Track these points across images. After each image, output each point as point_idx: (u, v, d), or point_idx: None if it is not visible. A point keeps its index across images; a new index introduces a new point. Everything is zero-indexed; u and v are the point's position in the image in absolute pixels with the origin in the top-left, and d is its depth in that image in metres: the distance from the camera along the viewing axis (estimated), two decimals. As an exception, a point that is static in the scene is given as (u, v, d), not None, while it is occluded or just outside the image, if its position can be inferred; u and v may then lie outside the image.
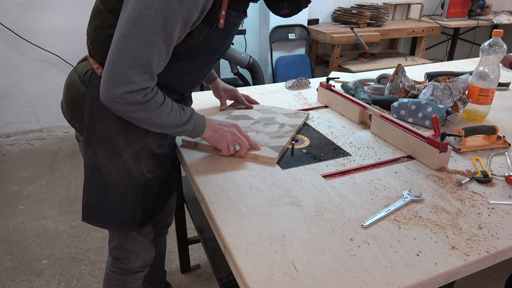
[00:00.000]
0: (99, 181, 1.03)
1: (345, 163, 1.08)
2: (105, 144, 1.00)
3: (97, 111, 0.98)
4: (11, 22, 2.83)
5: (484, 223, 0.85)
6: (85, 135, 1.01)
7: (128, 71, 0.84)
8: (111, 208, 1.05)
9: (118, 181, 1.03)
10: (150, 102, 0.90)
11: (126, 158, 1.01)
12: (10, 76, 2.98)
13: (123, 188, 1.04)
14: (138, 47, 0.83)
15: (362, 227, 0.83)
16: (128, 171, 1.02)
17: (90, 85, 0.99)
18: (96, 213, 1.06)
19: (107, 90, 0.86)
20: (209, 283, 1.78)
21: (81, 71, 1.03)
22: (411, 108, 1.32)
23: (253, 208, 0.88)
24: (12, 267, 1.82)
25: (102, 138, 1.00)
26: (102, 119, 0.98)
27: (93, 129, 0.99)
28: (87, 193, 1.06)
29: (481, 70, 1.33)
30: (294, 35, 3.43)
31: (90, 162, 1.02)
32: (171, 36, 0.85)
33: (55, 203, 2.29)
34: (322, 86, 1.51)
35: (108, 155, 1.01)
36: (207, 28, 0.92)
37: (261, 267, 0.72)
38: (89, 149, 1.02)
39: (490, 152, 1.17)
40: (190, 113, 1.01)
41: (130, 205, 1.06)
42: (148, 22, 0.81)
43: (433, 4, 4.18)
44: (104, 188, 1.03)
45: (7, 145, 2.99)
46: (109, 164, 1.01)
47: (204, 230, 1.44)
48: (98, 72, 0.97)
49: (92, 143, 1.01)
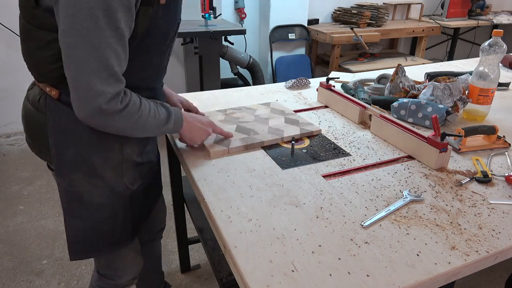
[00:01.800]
0: (82, 210, 0.95)
1: (345, 163, 1.08)
2: (80, 169, 0.91)
3: (63, 137, 0.90)
4: (11, 22, 2.83)
5: (484, 223, 0.85)
6: (56, 166, 0.91)
7: (92, 83, 0.77)
8: (102, 233, 0.99)
9: (104, 202, 0.96)
10: (129, 107, 0.84)
11: (107, 177, 0.94)
12: (10, 76, 2.98)
13: (110, 208, 0.97)
14: (90, 54, 0.75)
15: (362, 227, 0.83)
16: (111, 190, 0.96)
17: (47, 111, 0.89)
18: (86, 245, 0.99)
19: (82, 109, 0.79)
20: (209, 283, 1.78)
21: (33, 98, 0.93)
22: (411, 108, 1.32)
23: (253, 208, 0.88)
24: (12, 267, 1.82)
25: (76, 164, 0.91)
26: (70, 143, 0.90)
27: (63, 157, 0.90)
28: (71, 229, 0.96)
29: (481, 70, 1.33)
30: (294, 35, 3.43)
31: (66, 193, 0.93)
32: (119, 29, 0.77)
33: (55, 203, 2.29)
34: (322, 86, 1.51)
35: (86, 179, 0.92)
36: (149, 8, 0.82)
37: (261, 267, 0.72)
38: (63, 180, 0.92)
39: (490, 152, 1.17)
40: (167, 110, 0.95)
41: (120, 222, 1.01)
42: (87, 24, 0.73)
43: (433, 4, 4.18)
44: (90, 216, 0.96)
45: (7, 145, 2.99)
46: (90, 188, 0.93)
47: (204, 230, 1.44)
48: (53, 94, 0.88)
49: (65, 172, 0.91)
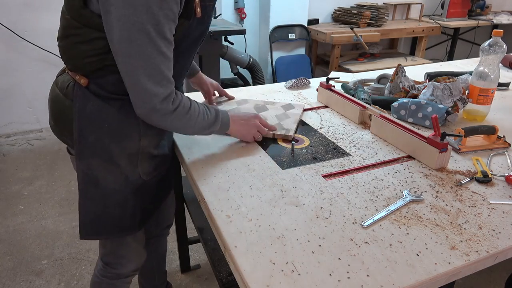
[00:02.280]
0: (96, 193, 1.01)
1: (345, 163, 1.08)
2: (99, 154, 0.98)
3: (86, 122, 0.96)
4: (11, 22, 2.83)
5: (484, 223, 0.85)
6: (77, 149, 0.98)
7: (147, 87, 0.87)
8: (111, 217, 1.04)
9: (116, 189, 1.01)
10: (179, 108, 0.94)
11: (122, 165, 1.00)
12: (10, 76, 2.98)
13: (122, 195, 1.03)
14: (145, 62, 0.85)
15: (362, 227, 0.83)
16: (125, 178, 1.01)
17: (74, 97, 0.96)
18: (96, 226, 1.04)
19: (139, 108, 0.91)
20: (209, 283, 1.78)
21: (62, 85, 1.01)
22: (411, 108, 1.32)
23: (253, 208, 0.88)
24: (12, 267, 1.82)
25: (95, 149, 0.98)
26: (93, 129, 0.97)
27: (85, 141, 0.97)
28: (83, 209, 1.02)
29: (481, 70, 1.33)
30: (294, 35, 3.43)
31: (84, 176, 1.00)
32: (167, 39, 0.87)
33: (55, 203, 2.29)
34: (322, 86, 1.51)
35: (103, 165, 0.99)
36: (186, 21, 0.92)
37: (261, 267, 0.72)
38: (82, 163, 0.99)
39: (490, 152, 1.17)
40: (216, 113, 1.05)
41: (130, 209, 1.05)
42: (142, 37, 0.83)
43: (433, 4, 4.18)
44: (102, 199, 1.01)
45: (7, 145, 2.99)
46: (106, 174, 0.99)
47: (204, 230, 1.44)
48: (82, 82, 0.96)
49: (85, 156, 0.98)
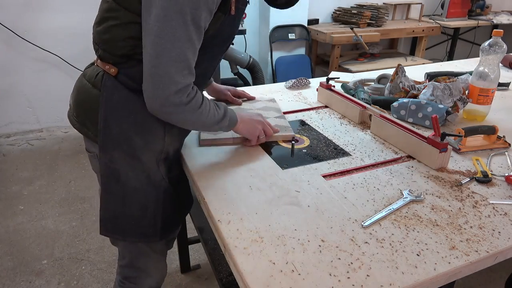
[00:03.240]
0: (117, 189, 0.99)
1: (345, 163, 1.08)
2: (122, 147, 0.96)
3: (112, 112, 0.95)
4: (11, 22, 2.83)
5: (484, 223, 0.85)
6: (101, 140, 0.96)
7: (169, 71, 0.85)
8: (131, 217, 1.01)
9: (138, 187, 0.99)
10: (192, 102, 0.91)
11: (144, 161, 0.98)
12: (10, 76, 2.98)
13: (143, 195, 1.00)
14: (172, 45, 0.83)
15: (362, 227, 0.83)
16: (147, 176, 0.99)
17: (102, 86, 0.95)
18: (115, 224, 1.01)
19: (154, 95, 0.87)
20: (209, 283, 1.78)
21: (90, 74, 1.00)
22: (411, 108, 1.32)
23: (253, 208, 0.88)
24: (12, 267, 1.82)
25: (118, 141, 0.96)
26: (118, 120, 0.95)
27: (109, 132, 0.95)
28: (104, 204, 1.01)
29: (481, 70, 1.33)
30: (294, 35, 3.43)
31: (106, 168, 0.98)
32: (200, 27, 0.86)
33: (55, 203, 2.29)
34: (322, 86, 1.51)
35: (125, 159, 0.97)
36: (222, 16, 0.92)
37: (261, 267, 0.72)
38: (105, 155, 0.97)
39: (490, 152, 1.17)
40: (224, 108, 1.03)
41: (151, 213, 1.02)
42: (177, 18, 0.82)
43: (433, 4, 4.18)
44: (123, 197, 0.99)
45: (7, 145, 2.99)
46: (127, 169, 0.97)
47: (204, 230, 1.44)
48: (111, 72, 0.95)
49: (108, 147, 0.96)
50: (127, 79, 0.95)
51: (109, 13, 0.93)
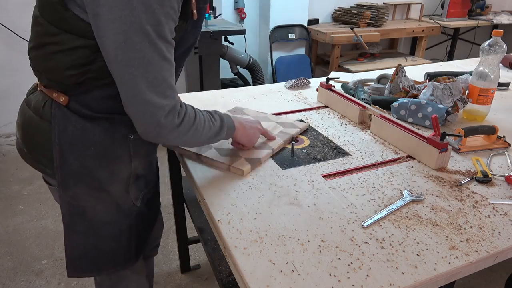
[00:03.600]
0: (84, 226, 0.91)
1: (345, 163, 1.08)
2: (85, 182, 0.87)
3: (69, 147, 0.85)
4: (11, 22, 2.83)
5: (484, 223, 0.85)
6: (59, 177, 0.87)
7: (150, 99, 0.76)
8: (103, 251, 0.94)
9: (108, 220, 0.92)
10: (184, 121, 0.84)
11: (113, 192, 0.90)
12: (10, 76, 2.98)
13: (114, 226, 0.94)
14: (145, 70, 0.75)
15: (362, 227, 0.83)
16: (117, 206, 0.92)
17: (53, 118, 0.84)
18: (86, 262, 0.94)
19: (142, 124, 0.80)
20: (209, 283, 1.78)
21: (35, 105, 0.88)
22: (411, 108, 1.32)
23: (253, 208, 0.88)
24: (12, 267, 1.82)
25: (80, 177, 0.87)
26: (76, 154, 0.86)
27: (68, 168, 0.86)
28: (70, 244, 0.92)
29: (481, 70, 1.33)
30: (294, 35, 3.43)
31: (69, 207, 0.89)
32: (168, 41, 0.78)
33: (55, 203, 2.29)
34: (322, 86, 1.51)
35: (90, 194, 0.89)
36: (184, 23, 0.84)
37: (261, 267, 0.72)
38: (65, 193, 0.88)
39: (490, 152, 1.17)
40: (220, 118, 0.96)
41: (124, 241, 0.96)
42: (140, 40, 0.72)
43: (433, 4, 4.18)
44: (92, 232, 0.92)
45: (7, 145, 2.98)
46: (94, 204, 0.90)
47: (204, 230, 1.44)
48: (61, 101, 0.84)
49: (68, 185, 0.87)
50: (81, 107, 0.85)
51: (48, 37, 0.80)
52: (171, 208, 2.20)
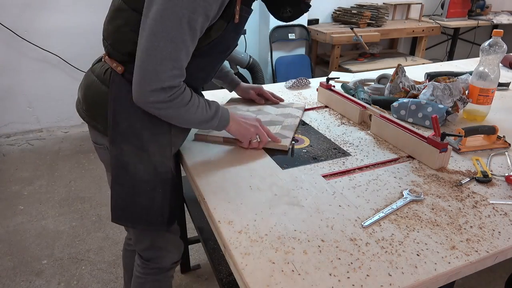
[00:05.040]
0: (126, 180, 1.02)
1: (345, 163, 1.08)
2: (131, 140, 1.00)
3: (121, 108, 0.98)
4: (11, 22, 2.83)
5: (484, 223, 0.85)
6: (110, 134, 1.00)
7: (157, 69, 0.87)
8: (139, 207, 1.04)
9: (146, 179, 1.02)
10: (177, 99, 0.93)
11: (151, 153, 1.01)
12: (10, 76, 2.98)
13: (151, 186, 1.03)
14: (165, 44, 0.85)
15: (362, 227, 0.83)
16: (154, 168, 1.02)
17: (111, 83, 0.99)
18: (125, 213, 1.05)
19: (139, 89, 0.90)
20: (209, 283, 1.78)
21: (99, 71, 1.03)
22: (411, 108, 1.32)
23: (253, 208, 0.88)
24: (12, 267, 1.82)
25: (127, 135, 1.00)
26: (126, 116, 0.99)
27: (118, 127, 0.99)
28: (115, 194, 1.04)
29: (481, 70, 1.33)
30: (294, 35, 3.43)
31: (116, 161, 1.01)
32: (195, 30, 0.88)
33: (55, 203, 2.29)
34: (322, 86, 1.51)
35: (134, 152, 1.00)
36: (225, 24, 0.94)
37: (261, 267, 0.72)
38: (115, 148, 1.01)
39: (490, 152, 1.17)
40: (215, 109, 1.04)
41: (158, 204, 1.05)
42: (174, 19, 0.84)
43: (433, 4, 4.18)
44: (132, 187, 1.03)
45: (7, 145, 2.99)
46: (136, 161, 1.01)
47: (204, 230, 1.44)
48: (118, 70, 0.98)
49: (117, 141, 1.00)
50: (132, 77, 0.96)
51: (118, 12, 0.95)
52: (171, 208, 2.20)
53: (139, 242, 1.18)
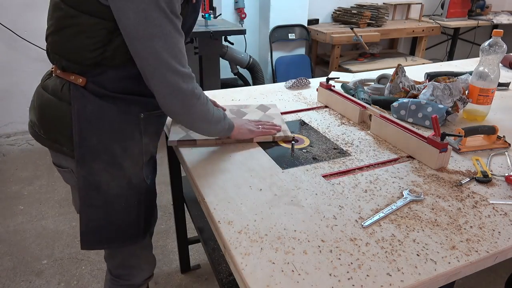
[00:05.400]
0: (99, 200, 0.97)
1: (345, 163, 1.08)
2: (101, 157, 0.94)
3: (87, 124, 0.92)
4: (11, 22, 2.83)
5: (484, 223, 0.85)
6: (78, 154, 0.93)
7: (170, 67, 0.86)
8: (114, 225, 1.01)
9: (120, 193, 0.98)
10: (202, 96, 0.95)
11: (126, 167, 0.97)
12: (10, 76, 2.98)
13: (125, 201, 1.00)
14: (165, 42, 0.84)
15: (362, 227, 0.83)
16: (129, 181, 0.99)
17: (72, 99, 0.91)
18: (99, 235, 1.00)
19: (167, 92, 0.89)
20: (209, 283, 1.78)
21: (54, 88, 0.94)
22: (411, 108, 1.32)
23: (253, 208, 0.88)
24: (12, 267, 1.82)
25: (97, 152, 0.94)
26: (94, 131, 0.93)
27: (86, 144, 0.93)
28: (85, 217, 0.98)
29: (481, 70, 1.33)
30: (294, 35, 3.43)
31: (85, 181, 0.95)
32: (178, 16, 0.87)
33: (55, 203, 2.29)
34: (322, 86, 1.51)
35: (106, 168, 0.95)
36: (186, 5, 0.92)
37: (261, 267, 0.72)
38: (83, 168, 0.94)
39: (490, 152, 1.17)
40: (223, 111, 1.06)
41: (134, 216, 1.03)
42: (159, 14, 0.81)
43: (433, 4, 4.18)
44: (105, 206, 0.98)
45: (7, 145, 2.99)
46: (108, 178, 0.96)
47: (204, 230, 1.44)
48: (79, 82, 0.91)
49: (86, 160, 0.94)
50: (97, 87, 0.92)
51: (67, 20, 0.86)
52: (171, 208, 2.20)
53: (111, 257, 1.15)
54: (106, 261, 1.17)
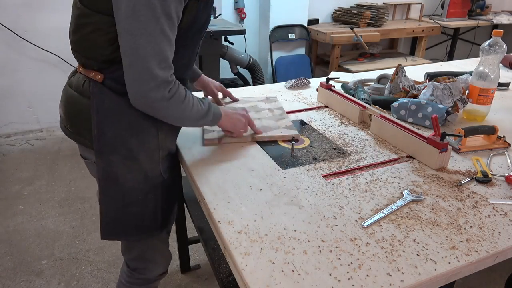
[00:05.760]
0: (116, 191, 1.00)
1: (345, 163, 1.08)
2: (119, 150, 0.97)
3: (105, 118, 0.96)
4: (11, 22, 2.83)
5: (484, 223, 0.85)
6: (96, 146, 0.97)
7: (147, 66, 0.85)
8: (132, 217, 1.03)
9: (136, 187, 1.00)
10: (175, 96, 0.92)
11: (141, 160, 0.99)
12: (10, 76, 2.98)
13: (142, 194, 1.02)
14: (146, 40, 0.84)
15: (362, 227, 0.83)
16: (145, 175, 1.01)
17: (91, 94, 0.96)
18: (117, 226, 1.03)
19: (136, 92, 0.89)
20: (209, 283, 1.78)
21: (77, 84, 1.00)
22: (411, 108, 1.32)
23: (253, 208, 0.88)
24: (12, 267, 1.82)
25: (114, 145, 0.97)
26: (111, 125, 0.96)
27: (104, 137, 0.96)
28: (104, 208, 1.02)
29: (481, 70, 1.33)
30: (294, 35, 3.43)
31: (104, 173, 0.99)
32: (172, 18, 0.86)
33: (55, 203, 2.29)
34: (322, 86, 1.51)
35: (123, 161, 0.98)
36: (196, 3, 0.92)
37: (261, 267, 0.72)
38: (102, 160, 0.98)
39: (490, 152, 1.17)
40: (208, 104, 1.04)
41: (151, 209, 1.04)
42: (146, 12, 0.81)
43: (433, 4, 4.18)
44: (122, 197, 1.00)
45: (7, 145, 2.99)
46: (125, 171, 0.99)
47: (204, 230, 1.44)
48: (97, 78, 0.95)
49: (104, 152, 0.97)
50: (114, 83, 0.95)
51: (83, 19, 0.91)
52: (171, 208, 2.20)
53: (128, 250, 1.17)
54: (123, 255, 1.19)
